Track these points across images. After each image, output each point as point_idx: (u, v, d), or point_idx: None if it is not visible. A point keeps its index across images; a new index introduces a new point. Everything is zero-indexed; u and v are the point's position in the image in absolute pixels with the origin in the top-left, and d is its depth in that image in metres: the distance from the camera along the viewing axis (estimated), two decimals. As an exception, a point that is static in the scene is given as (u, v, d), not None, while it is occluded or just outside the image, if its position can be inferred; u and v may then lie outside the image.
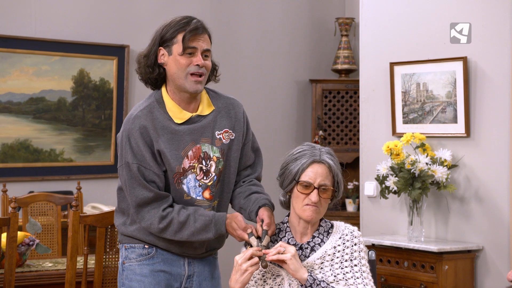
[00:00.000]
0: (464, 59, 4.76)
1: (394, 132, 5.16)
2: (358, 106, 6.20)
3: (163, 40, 2.90)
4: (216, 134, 2.96)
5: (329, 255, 2.79)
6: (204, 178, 2.94)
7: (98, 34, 6.06)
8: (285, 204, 2.89)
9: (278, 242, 2.80)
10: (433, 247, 4.59)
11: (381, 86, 5.27)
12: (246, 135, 3.05)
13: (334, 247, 2.80)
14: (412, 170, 4.69)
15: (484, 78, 4.73)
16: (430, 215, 4.93)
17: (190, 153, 2.91)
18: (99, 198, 6.01)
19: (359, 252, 2.81)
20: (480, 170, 4.76)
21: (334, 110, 6.73)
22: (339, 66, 6.81)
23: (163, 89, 2.96)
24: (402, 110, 5.11)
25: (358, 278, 2.77)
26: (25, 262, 4.27)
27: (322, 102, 6.72)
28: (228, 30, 6.56)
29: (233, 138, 2.99)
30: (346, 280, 2.77)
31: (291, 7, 6.91)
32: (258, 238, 2.81)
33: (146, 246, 2.96)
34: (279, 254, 2.73)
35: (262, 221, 2.85)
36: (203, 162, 2.93)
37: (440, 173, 4.68)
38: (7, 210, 5.23)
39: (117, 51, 6.12)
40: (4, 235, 3.91)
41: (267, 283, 2.81)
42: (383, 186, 4.83)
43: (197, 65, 2.87)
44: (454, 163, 4.81)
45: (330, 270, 2.78)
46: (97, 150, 6.14)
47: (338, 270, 2.78)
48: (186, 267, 3.00)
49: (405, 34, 5.15)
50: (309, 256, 2.81)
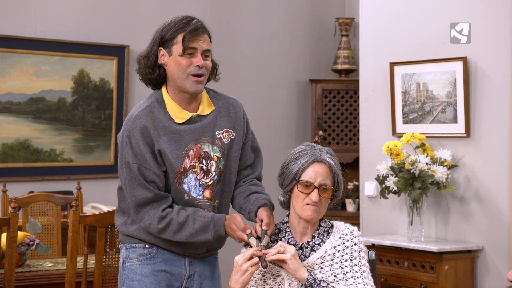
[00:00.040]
0: (464, 59, 4.76)
1: (394, 132, 5.16)
2: (358, 106, 6.19)
3: (163, 40, 2.90)
4: (216, 134, 2.96)
5: (329, 255, 2.79)
6: (204, 178, 2.94)
7: (98, 34, 6.06)
8: (285, 204, 2.89)
9: (278, 242, 2.80)
10: (433, 247, 4.59)
11: (381, 86, 5.27)
12: (246, 135, 3.05)
13: (334, 247, 2.80)
14: (412, 170, 4.69)
15: (484, 78, 4.73)
16: (430, 215, 4.93)
17: (191, 152, 2.91)
18: (99, 198, 6.01)
19: (359, 252, 2.81)
20: (480, 170, 4.76)
21: (334, 110, 6.73)
22: (339, 66, 6.81)
23: (164, 89, 2.96)
24: (402, 110, 5.11)
25: (358, 278, 2.77)
26: (25, 262, 4.27)
27: (322, 102, 6.72)
28: (228, 30, 6.56)
29: (233, 137, 2.99)
30: (346, 280, 2.77)
31: (291, 7, 6.91)
32: (258, 238, 2.81)
33: (147, 246, 2.96)
34: (279, 254, 2.73)
35: (262, 221, 2.85)
36: (204, 162, 2.93)
37: (440, 173, 4.67)
38: (7, 210, 5.23)
39: (117, 51, 6.12)
40: (4, 235, 3.91)
41: (267, 283, 2.81)
42: (383, 186, 4.83)
43: (197, 65, 2.87)
44: (454, 163, 4.81)
45: (330, 270, 2.78)
46: (97, 150, 6.14)
47: (338, 270, 2.78)
48: (187, 267, 3.00)
49: (405, 34, 5.15)
50: (309, 256, 2.81)
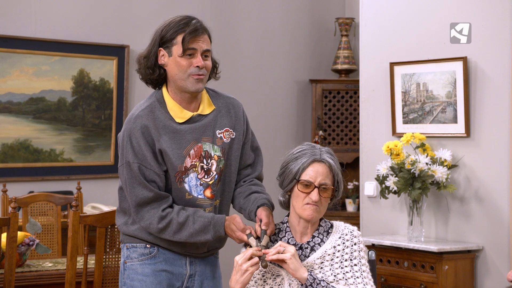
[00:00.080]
0: (464, 59, 4.76)
1: (394, 132, 5.16)
2: (358, 106, 6.19)
3: (163, 41, 2.90)
4: (217, 133, 2.96)
5: (329, 255, 2.79)
6: (205, 177, 2.94)
7: (98, 34, 6.06)
8: (284, 204, 2.89)
9: (278, 242, 2.80)
10: (433, 247, 4.59)
11: (381, 86, 5.27)
12: (246, 134, 3.05)
13: (334, 247, 2.80)
14: (412, 170, 4.69)
15: (484, 78, 4.73)
16: (430, 215, 4.93)
17: (192, 152, 2.91)
18: (99, 198, 6.01)
19: (359, 251, 2.81)
20: (480, 170, 4.76)
21: (334, 110, 6.72)
22: (339, 66, 6.81)
23: (164, 89, 2.96)
24: (402, 110, 5.11)
25: (358, 277, 2.77)
26: (25, 262, 4.27)
27: (322, 102, 6.72)
28: (228, 30, 6.56)
29: (233, 137, 3.00)
30: (346, 279, 2.77)
31: (291, 7, 6.91)
32: (257, 238, 2.81)
33: (147, 246, 2.96)
34: (279, 253, 2.73)
35: (261, 221, 2.85)
36: (205, 161, 2.93)
37: (440, 173, 4.67)
38: (7, 210, 5.22)
39: (117, 51, 6.12)
40: (4, 235, 3.91)
41: (267, 283, 2.81)
42: (383, 186, 4.83)
43: (197, 66, 2.87)
44: (454, 163, 4.81)
45: (330, 269, 2.78)
46: (97, 150, 6.14)
47: (338, 270, 2.78)
48: (188, 267, 3.00)
49: (405, 34, 5.15)
50: (309, 256, 2.81)
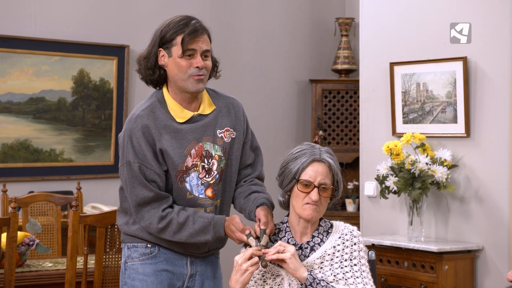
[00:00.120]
0: (464, 59, 4.76)
1: (394, 132, 5.16)
2: (358, 106, 6.19)
3: (163, 41, 2.90)
4: (217, 133, 2.96)
5: (328, 255, 2.79)
6: (206, 177, 2.94)
7: (98, 34, 6.06)
8: (284, 204, 2.89)
9: (278, 242, 2.80)
10: (433, 247, 4.59)
11: (381, 86, 5.26)
12: (246, 134, 3.06)
13: (334, 247, 2.80)
14: (412, 170, 4.68)
15: (484, 78, 4.73)
16: (430, 215, 4.93)
17: (193, 151, 2.92)
18: (99, 198, 6.01)
19: (359, 251, 2.81)
20: (480, 170, 4.76)
21: (334, 110, 6.72)
22: (339, 66, 6.81)
23: (164, 88, 2.96)
24: (402, 110, 5.11)
25: (357, 277, 2.77)
26: (25, 262, 4.27)
27: (322, 102, 6.72)
28: (228, 30, 6.56)
29: (234, 137, 3.00)
30: (345, 279, 2.77)
31: (291, 7, 6.91)
32: (257, 238, 2.81)
33: (148, 245, 2.96)
34: (279, 253, 2.73)
35: (260, 220, 2.85)
36: (205, 161, 2.93)
37: (440, 173, 4.67)
38: (7, 210, 5.23)
39: (117, 51, 6.12)
40: (4, 235, 3.91)
41: (267, 283, 2.81)
42: (383, 186, 4.83)
43: (197, 67, 2.87)
44: (454, 163, 4.81)
45: (329, 269, 2.78)
46: (97, 150, 6.14)
47: (337, 270, 2.78)
48: (188, 266, 3.00)
49: (405, 34, 5.15)
50: (308, 255, 2.80)
